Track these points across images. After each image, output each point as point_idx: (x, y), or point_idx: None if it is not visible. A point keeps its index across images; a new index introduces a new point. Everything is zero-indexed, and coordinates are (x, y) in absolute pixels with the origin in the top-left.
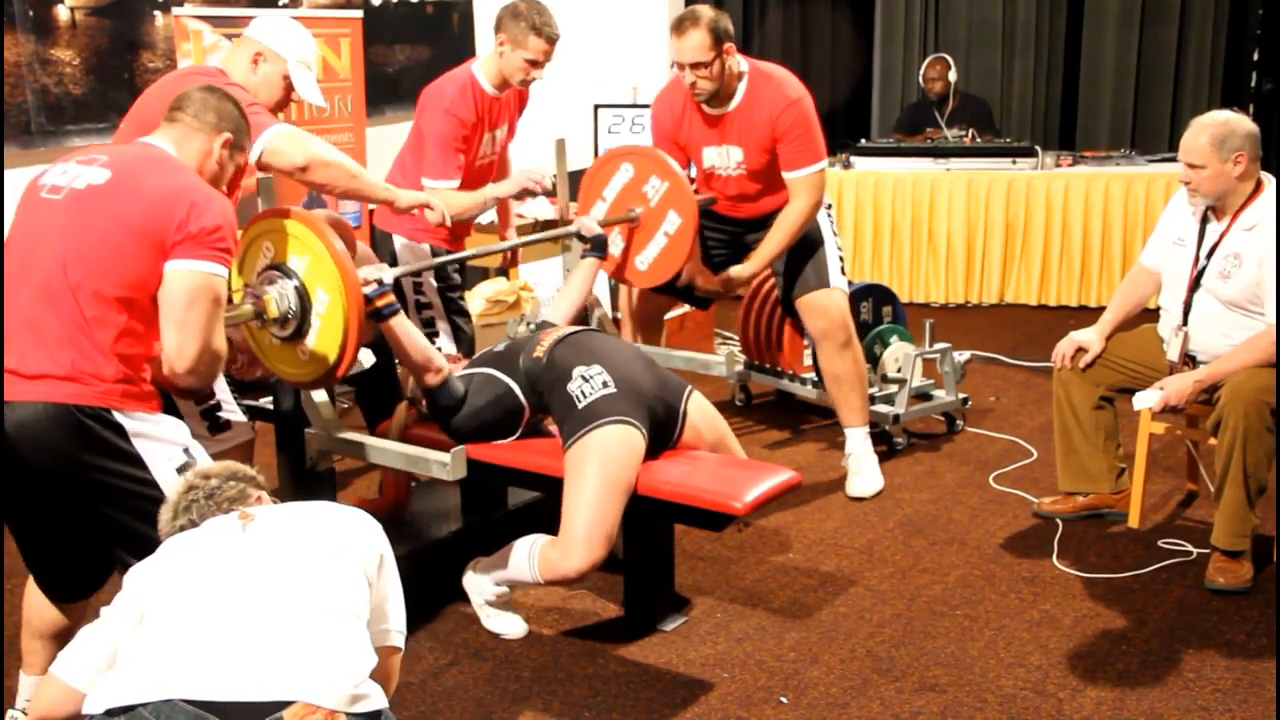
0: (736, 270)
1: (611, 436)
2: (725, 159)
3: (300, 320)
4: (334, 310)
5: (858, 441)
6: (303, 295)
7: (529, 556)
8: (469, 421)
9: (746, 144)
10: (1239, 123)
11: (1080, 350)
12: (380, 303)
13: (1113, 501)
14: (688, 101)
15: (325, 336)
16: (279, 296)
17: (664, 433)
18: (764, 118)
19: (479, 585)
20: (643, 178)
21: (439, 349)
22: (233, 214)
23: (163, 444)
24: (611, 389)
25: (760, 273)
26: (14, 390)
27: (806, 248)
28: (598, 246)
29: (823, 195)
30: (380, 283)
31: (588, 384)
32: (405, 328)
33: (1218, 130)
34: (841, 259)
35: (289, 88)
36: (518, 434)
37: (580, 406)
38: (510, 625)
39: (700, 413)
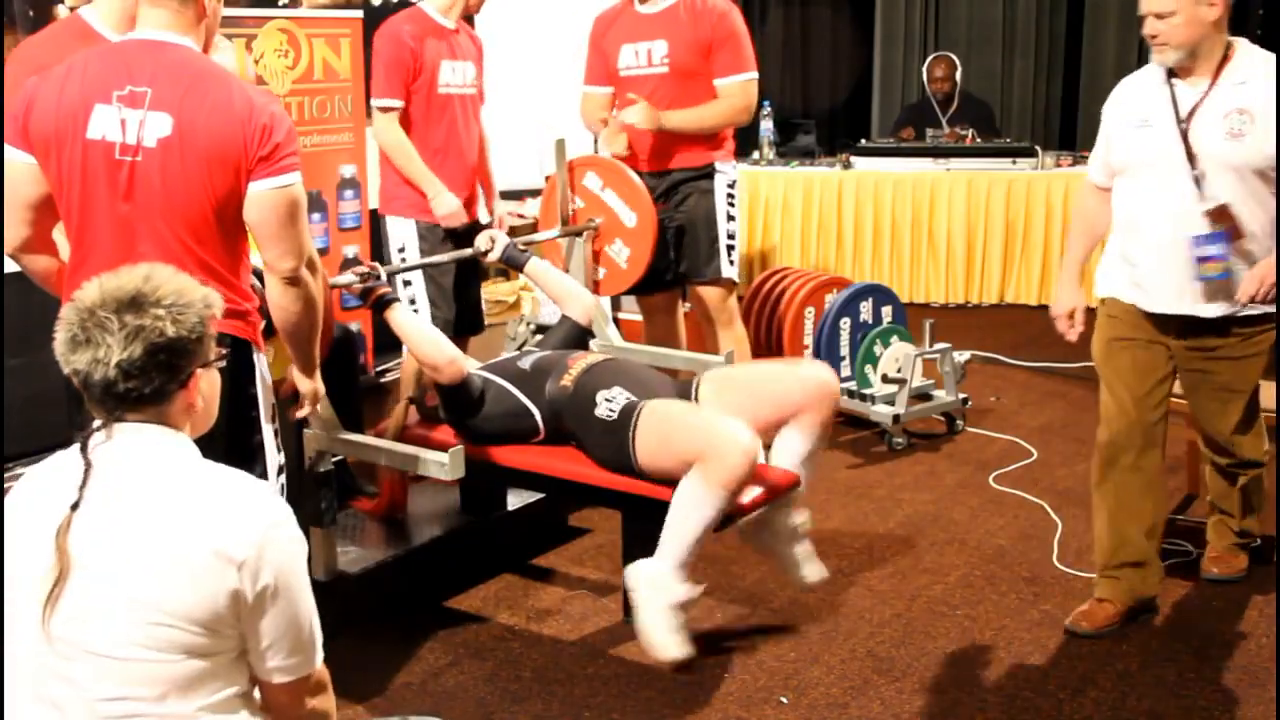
0: (633, 115)
1: (655, 405)
2: (643, 58)
3: (268, 320)
4: None
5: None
6: None
7: (696, 493)
8: (481, 426)
9: (674, 37)
10: None
11: (1073, 313)
12: (375, 295)
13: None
14: (624, 6)
15: None
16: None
17: None
18: (701, 18)
19: (658, 579)
20: (597, 183)
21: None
22: (283, 106)
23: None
24: (635, 398)
25: (670, 126)
26: None
27: (700, 230)
28: (511, 262)
29: (751, 105)
30: (367, 276)
31: (611, 403)
32: (408, 320)
33: None
34: (732, 247)
35: None
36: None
37: (614, 419)
38: (670, 645)
39: (711, 389)
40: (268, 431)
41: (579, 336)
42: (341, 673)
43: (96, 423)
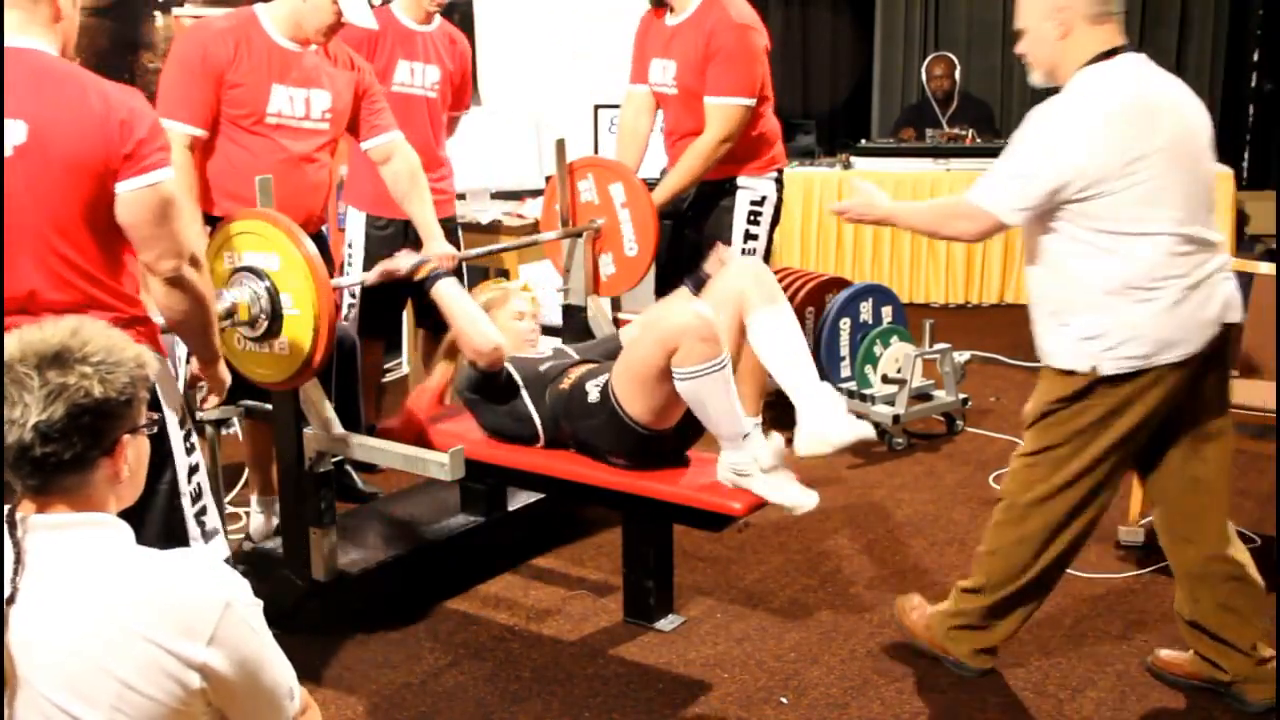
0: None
1: (616, 363)
2: (664, 74)
3: (271, 321)
4: (305, 310)
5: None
6: (273, 296)
7: (696, 380)
8: (488, 417)
9: (682, 56)
10: None
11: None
12: (421, 273)
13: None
14: (657, 15)
15: (296, 337)
16: (252, 298)
17: None
18: (704, 31)
19: (738, 463)
20: (598, 184)
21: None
22: (144, 99)
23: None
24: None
25: (664, 205)
26: None
27: (711, 246)
28: (432, 279)
29: (734, 133)
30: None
31: (596, 385)
32: (457, 299)
33: None
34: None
35: (338, 11)
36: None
37: (598, 399)
38: (800, 497)
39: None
40: (176, 437)
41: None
42: (342, 673)
43: (19, 491)
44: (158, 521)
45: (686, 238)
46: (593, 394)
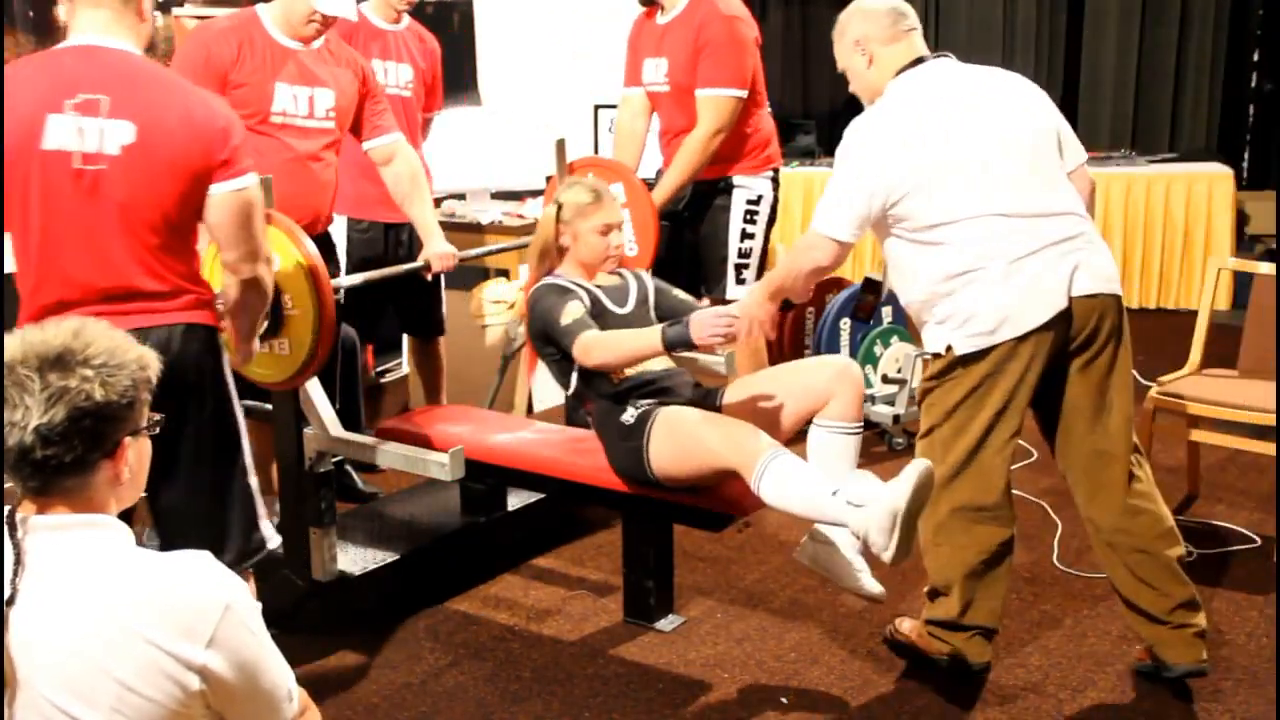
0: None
1: (669, 412)
2: (654, 74)
3: (271, 321)
4: (305, 311)
5: None
6: (276, 296)
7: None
8: (545, 352)
9: (673, 53)
10: (859, 5)
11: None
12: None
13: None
14: (649, 14)
15: (296, 337)
16: None
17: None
18: (694, 26)
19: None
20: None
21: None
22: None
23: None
24: (652, 403)
25: (664, 204)
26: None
27: (710, 248)
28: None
29: (726, 125)
30: None
31: (636, 408)
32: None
33: (839, 23)
34: (744, 266)
35: (310, 4)
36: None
37: (631, 424)
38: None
39: (735, 391)
40: (239, 412)
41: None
42: (342, 673)
43: (19, 493)
44: (237, 505)
45: (684, 238)
46: (629, 417)
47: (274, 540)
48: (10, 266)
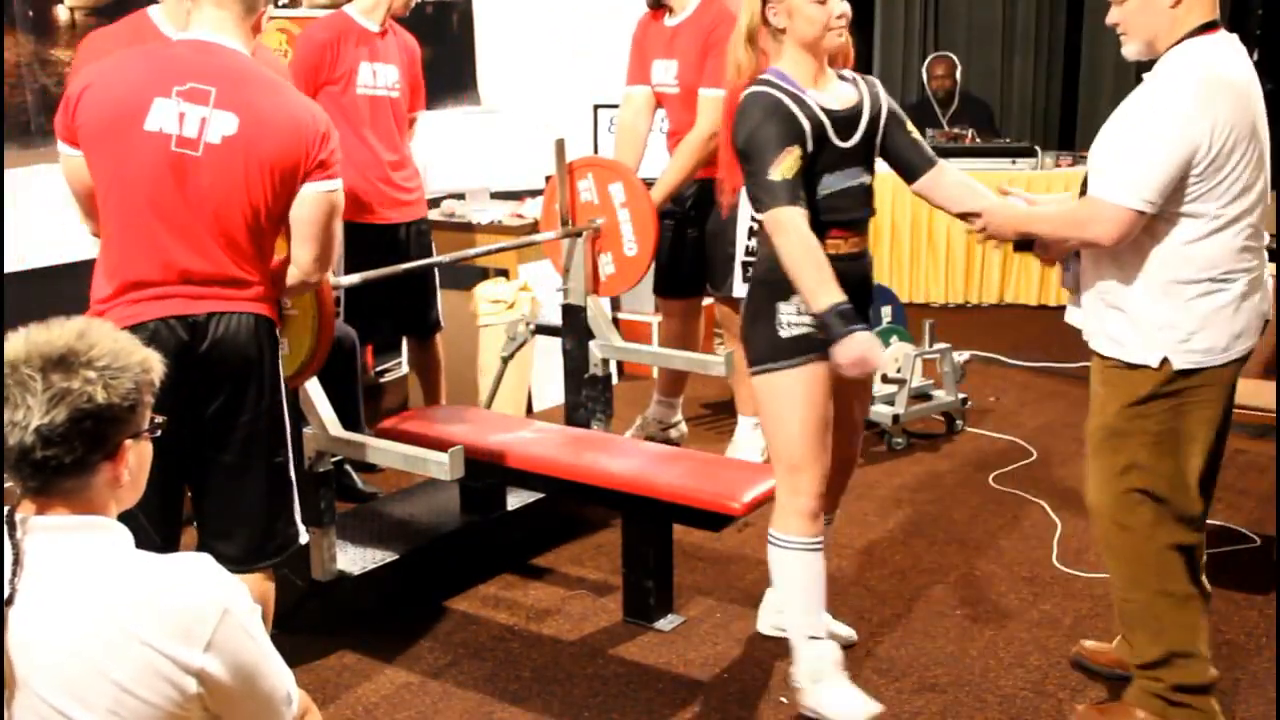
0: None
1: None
2: (666, 74)
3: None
4: (304, 310)
5: (745, 430)
6: None
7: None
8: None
9: (683, 55)
10: None
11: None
12: None
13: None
14: (656, 16)
15: (296, 337)
16: None
17: None
18: (704, 28)
19: (805, 667)
20: (598, 184)
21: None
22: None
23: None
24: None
25: (662, 203)
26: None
27: (717, 246)
28: None
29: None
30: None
31: (795, 310)
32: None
33: None
34: (750, 264)
35: None
36: None
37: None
38: (844, 703)
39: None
40: (286, 409)
41: None
42: (342, 673)
43: (19, 493)
44: (280, 495)
45: (688, 237)
46: (785, 327)
47: (304, 535)
48: (11, 266)
